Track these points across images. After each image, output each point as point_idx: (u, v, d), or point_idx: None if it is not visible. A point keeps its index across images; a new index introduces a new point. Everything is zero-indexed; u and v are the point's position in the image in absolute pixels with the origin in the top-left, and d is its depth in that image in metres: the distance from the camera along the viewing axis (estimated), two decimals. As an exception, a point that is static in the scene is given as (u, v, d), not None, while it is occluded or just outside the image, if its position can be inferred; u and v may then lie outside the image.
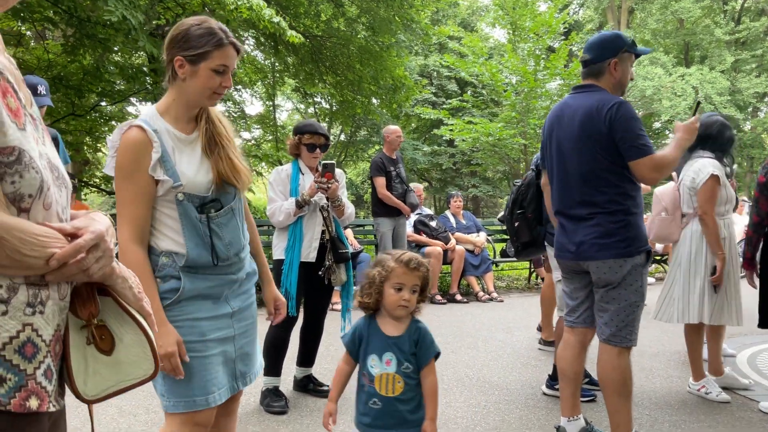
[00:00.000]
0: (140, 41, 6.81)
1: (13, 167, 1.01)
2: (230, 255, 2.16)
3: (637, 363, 5.09)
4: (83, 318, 1.20)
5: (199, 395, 2.08)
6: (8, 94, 1.05)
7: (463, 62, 16.21)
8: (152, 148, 2.02)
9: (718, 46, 24.38)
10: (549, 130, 3.34)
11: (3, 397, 1.00)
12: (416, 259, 2.30)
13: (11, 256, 0.99)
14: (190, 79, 2.07)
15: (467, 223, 9.15)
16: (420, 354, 2.31)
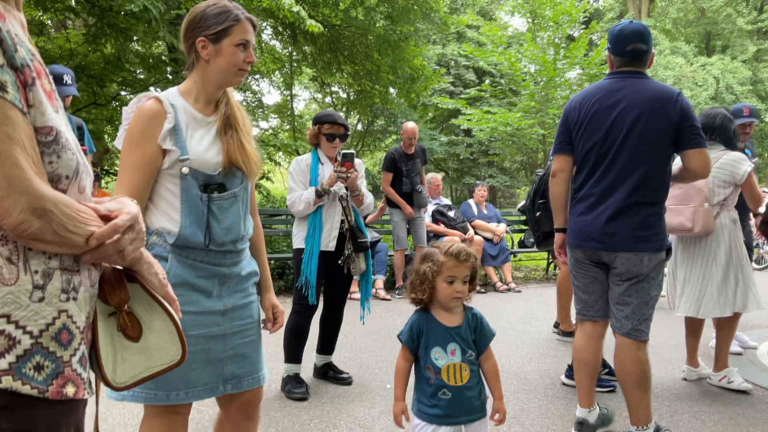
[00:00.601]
0: (160, 31, 6.85)
1: (51, 147, 1.03)
2: (226, 241, 2.09)
3: (657, 354, 5.08)
4: (113, 305, 1.21)
5: (162, 390, 2.01)
6: (42, 76, 1.06)
7: (482, 51, 16.12)
8: (165, 119, 2.01)
9: (740, 35, 24.03)
10: (594, 112, 3.16)
11: (41, 384, 1.00)
12: (465, 250, 2.32)
13: (57, 231, 1.00)
14: (214, 59, 2.05)
15: (489, 214, 9.13)
16: (480, 339, 2.37)
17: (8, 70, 0.96)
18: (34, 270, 1.02)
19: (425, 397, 2.32)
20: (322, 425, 3.51)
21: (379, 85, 12.41)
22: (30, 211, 0.95)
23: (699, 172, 3.15)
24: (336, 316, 4.36)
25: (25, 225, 0.96)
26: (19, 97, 0.97)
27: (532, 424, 3.58)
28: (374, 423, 3.54)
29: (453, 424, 2.29)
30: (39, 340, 1.01)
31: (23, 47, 1.02)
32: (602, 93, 3.17)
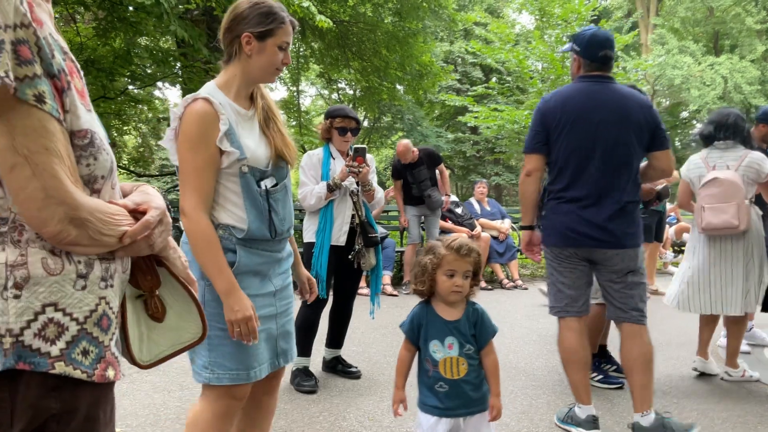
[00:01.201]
0: (171, 25, 6.87)
1: (88, 150, 1.07)
2: (284, 230, 2.24)
3: (665, 352, 5.09)
4: (145, 290, 1.27)
5: (242, 369, 2.13)
6: (74, 74, 1.09)
7: (490, 49, 16.06)
8: (220, 121, 2.06)
9: (749, 35, 23.90)
10: (574, 115, 3.24)
11: (89, 369, 1.07)
12: (467, 245, 2.32)
13: (92, 237, 1.05)
14: (256, 56, 2.13)
15: (492, 210, 9.15)
16: (480, 334, 2.37)
17: (45, 80, 0.98)
18: (77, 260, 1.07)
19: (425, 389, 2.35)
20: (331, 418, 3.53)
21: (387, 81, 12.40)
22: (67, 221, 1.00)
23: (667, 171, 3.42)
24: (345, 311, 4.38)
25: (63, 234, 1.01)
26: (56, 106, 1.00)
27: (540, 420, 3.59)
28: (383, 416, 3.56)
29: (451, 416, 2.30)
30: (84, 326, 1.07)
31: (57, 48, 1.03)
32: (583, 96, 3.27)
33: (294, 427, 3.40)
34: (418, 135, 19.89)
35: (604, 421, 3.59)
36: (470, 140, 21.93)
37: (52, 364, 1.01)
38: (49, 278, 1.02)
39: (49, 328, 1.01)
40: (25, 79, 0.95)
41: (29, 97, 0.96)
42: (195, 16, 9.40)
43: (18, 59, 0.94)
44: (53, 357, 1.01)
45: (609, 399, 3.97)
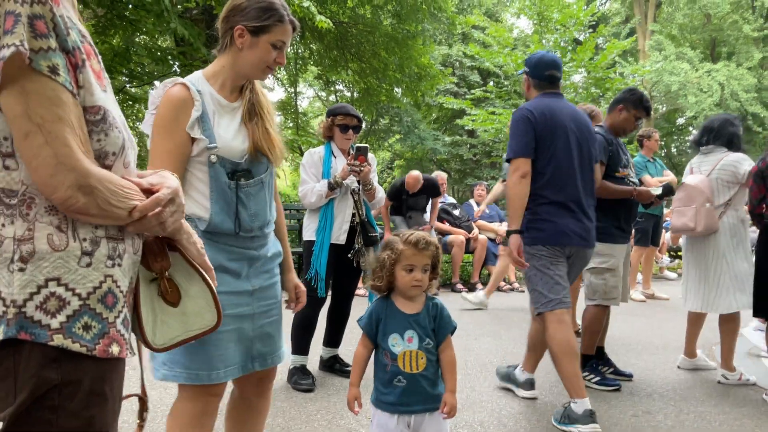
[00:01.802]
0: (171, 23, 6.86)
1: (99, 126, 1.11)
2: (254, 227, 2.13)
3: (662, 356, 5.11)
4: (155, 271, 1.29)
5: (204, 369, 2.03)
6: (92, 56, 1.13)
7: (488, 52, 16.10)
8: (193, 106, 2.02)
9: (746, 42, 23.99)
10: (555, 125, 3.56)
11: (89, 343, 1.09)
12: (424, 239, 2.29)
13: (101, 206, 1.08)
14: (247, 50, 2.07)
15: (490, 212, 9.16)
16: (439, 329, 2.34)
17: (60, 54, 1.03)
18: (83, 238, 1.10)
19: (381, 385, 2.31)
20: (329, 416, 3.52)
21: (386, 83, 12.42)
22: (77, 188, 1.03)
23: (597, 180, 3.95)
24: (344, 310, 4.38)
25: (72, 200, 1.04)
26: (70, 79, 1.05)
27: (538, 421, 3.59)
28: (382, 415, 3.55)
29: (406, 413, 2.27)
30: (87, 302, 1.10)
31: (74, 30, 1.08)
32: (552, 110, 3.62)
33: (292, 425, 3.38)
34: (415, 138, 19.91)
35: (602, 422, 3.58)
36: (467, 144, 21.96)
37: (51, 336, 1.04)
38: (54, 254, 1.06)
39: (51, 301, 1.05)
40: (39, 51, 1.00)
41: (43, 68, 1.01)
42: (194, 15, 9.41)
43: (34, 32, 0.99)
44: (53, 329, 1.05)
45: (606, 401, 3.97)
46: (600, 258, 4.25)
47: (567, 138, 3.57)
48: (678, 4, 25.86)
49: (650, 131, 7.59)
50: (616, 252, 4.28)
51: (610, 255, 4.25)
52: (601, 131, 4.32)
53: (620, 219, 4.30)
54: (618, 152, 4.33)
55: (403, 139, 20.57)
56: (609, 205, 4.23)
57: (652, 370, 4.72)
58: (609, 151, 4.25)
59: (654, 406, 3.90)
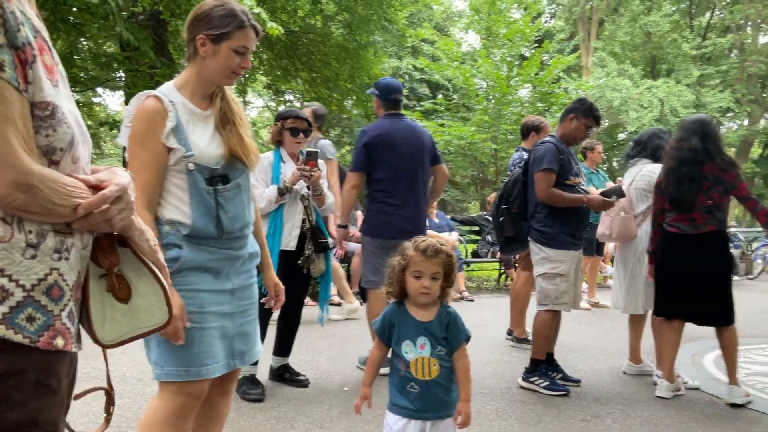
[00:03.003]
0: (117, 26, 6.69)
1: (48, 121, 1.10)
2: (234, 229, 2.19)
3: (608, 362, 5.20)
4: (105, 267, 1.28)
5: (193, 366, 2.08)
6: (44, 51, 1.13)
7: (437, 65, 16.30)
8: (167, 117, 2.07)
9: (685, 60, 24.95)
10: (390, 142, 4.42)
11: (33, 335, 1.08)
12: (434, 246, 2.28)
13: (42, 204, 1.07)
14: (210, 58, 2.13)
15: (440, 223, 9.20)
16: (452, 338, 2.32)
17: (7, 50, 1.02)
18: (28, 230, 1.09)
19: (395, 389, 2.31)
20: (279, 426, 3.45)
21: (336, 92, 12.41)
22: (14, 186, 1.02)
23: (446, 176, 4.89)
24: (294, 318, 4.30)
25: (10, 198, 1.03)
26: (16, 75, 1.03)
27: (489, 426, 3.59)
28: (332, 424, 3.50)
29: (420, 419, 2.26)
30: (31, 293, 1.09)
31: (27, 24, 1.08)
32: (394, 129, 4.49)
33: (240, 434, 3.30)
34: (365, 149, 19.91)
35: (552, 427, 3.61)
36: (417, 155, 22.08)
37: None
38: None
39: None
40: None
41: None
42: (141, 20, 9.20)
43: None
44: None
45: (555, 405, 4.00)
46: (551, 264, 4.32)
47: (400, 151, 4.41)
48: (620, 23, 26.75)
49: (593, 143, 7.77)
50: (566, 258, 4.32)
51: (561, 261, 4.30)
52: (553, 140, 4.41)
53: (571, 226, 4.35)
54: (569, 161, 4.39)
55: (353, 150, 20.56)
56: (559, 213, 4.32)
57: (599, 375, 4.79)
58: (560, 159, 4.31)
59: (602, 410, 3.95)
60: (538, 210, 4.43)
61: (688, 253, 4.16)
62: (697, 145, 4.12)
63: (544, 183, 4.29)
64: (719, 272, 4.17)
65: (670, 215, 4.27)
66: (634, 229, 4.73)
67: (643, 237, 4.69)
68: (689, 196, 4.10)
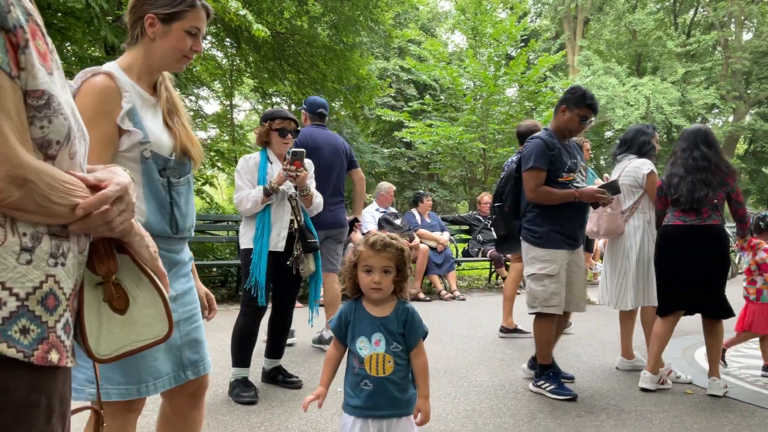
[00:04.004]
0: (102, 30, 6.62)
1: (42, 111, 0.99)
2: (185, 228, 2.06)
3: (600, 358, 5.19)
4: (101, 274, 1.18)
5: (132, 384, 1.91)
6: (37, 36, 1.02)
7: (424, 66, 16.32)
8: (122, 98, 1.89)
9: (670, 57, 25.05)
10: (316, 146, 5.01)
11: (27, 348, 0.97)
12: (382, 240, 2.22)
13: (38, 202, 0.97)
14: (160, 39, 1.96)
15: (431, 222, 9.21)
16: (409, 334, 2.28)
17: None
18: (23, 232, 0.98)
19: (350, 388, 2.27)
20: (273, 428, 3.41)
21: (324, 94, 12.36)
22: (9, 180, 0.92)
23: (363, 182, 5.72)
24: (285, 319, 4.26)
25: (4, 194, 0.92)
26: (8, 60, 0.93)
27: (484, 423, 3.57)
28: (327, 425, 3.47)
29: (374, 417, 2.21)
30: (25, 303, 0.98)
31: (19, 7, 0.96)
32: (315, 136, 5.13)
33: (233, 437, 3.26)
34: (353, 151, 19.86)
35: (547, 423, 3.60)
36: (405, 156, 22.09)
37: None
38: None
39: None
40: None
41: None
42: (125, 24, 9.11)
43: None
44: None
45: (550, 402, 4.00)
46: (540, 264, 4.21)
47: (324, 153, 5.06)
48: (605, 21, 26.84)
49: (582, 141, 7.76)
50: (557, 258, 4.18)
51: (551, 261, 4.18)
52: (544, 135, 4.27)
53: (562, 224, 4.20)
54: (560, 157, 4.22)
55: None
56: (550, 211, 4.20)
57: (592, 371, 4.78)
58: (550, 156, 4.18)
59: (596, 406, 3.95)
60: (529, 208, 4.32)
61: (689, 245, 4.20)
62: (706, 152, 4.23)
63: (533, 181, 4.17)
64: (717, 264, 4.22)
65: (674, 210, 4.31)
66: (622, 224, 4.74)
67: (630, 233, 4.71)
68: (703, 201, 4.16)
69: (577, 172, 4.29)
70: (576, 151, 4.40)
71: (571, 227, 4.26)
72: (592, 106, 4.25)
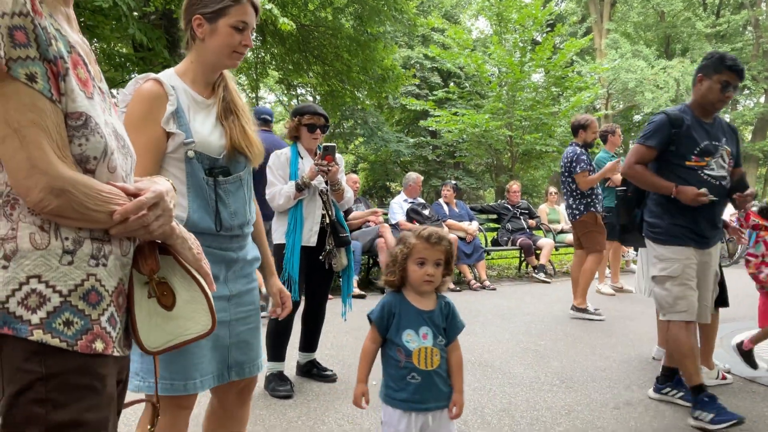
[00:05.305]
0: (130, 28, 6.68)
1: (80, 131, 1.15)
2: (234, 225, 2.06)
3: (637, 347, 5.12)
4: (144, 273, 1.30)
5: (178, 380, 1.95)
6: (79, 65, 1.19)
7: (448, 53, 16.20)
8: (167, 101, 1.95)
9: (699, 38, 24.59)
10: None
11: (70, 339, 1.13)
12: (437, 233, 2.28)
13: (77, 209, 1.12)
14: (209, 38, 2.00)
15: (460, 212, 9.16)
16: (450, 328, 2.31)
17: (39, 63, 1.08)
18: (65, 237, 1.14)
19: (393, 381, 2.26)
20: (310, 422, 3.43)
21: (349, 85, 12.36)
22: (48, 190, 1.07)
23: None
24: (318, 313, 4.28)
25: (45, 202, 1.08)
26: (49, 87, 1.09)
27: (522, 417, 3.55)
28: (363, 419, 3.48)
29: (420, 410, 2.23)
30: (68, 298, 1.14)
31: (62, 41, 1.14)
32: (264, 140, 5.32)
33: (271, 432, 3.29)
34: (379, 140, 19.88)
35: (584, 415, 3.57)
36: (430, 145, 22.03)
37: (31, 331, 1.08)
38: (35, 252, 1.11)
39: (32, 297, 1.09)
40: (18, 59, 1.06)
41: (21, 76, 1.06)
42: (153, 20, 9.19)
43: (13, 42, 1.05)
44: (33, 325, 1.09)
45: (587, 394, 3.97)
46: (661, 264, 3.67)
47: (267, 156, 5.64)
48: (632, 3, 26.42)
49: (613, 127, 7.66)
50: (680, 256, 3.60)
51: (673, 260, 3.61)
52: (673, 109, 3.72)
53: (687, 217, 3.62)
54: (690, 136, 3.60)
55: (366, 141, 20.52)
56: (671, 199, 3.62)
57: (628, 362, 4.73)
58: (672, 134, 3.61)
59: (633, 397, 3.90)
60: (651, 197, 3.79)
61: None
62: None
63: (633, 157, 3.70)
64: None
65: None
66: None
67: None
68: None
69: (716, 157, 3.64)
70: (724, 132, 3.74)
71: (700, 220, 3.63)
72: (734, 68, 3.58)
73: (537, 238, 9.52)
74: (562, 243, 9.91)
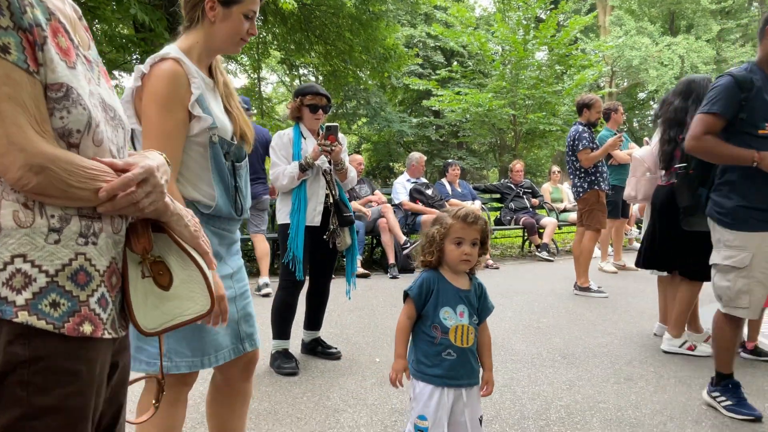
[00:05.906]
0: (132, 9, 6.66)
1: (61, 103, 1.07)
2: (246, 209, 2.14)
3: (638, 324, 5.16)
4: (137, 252, 1.23)
5: (197, 356, 2.03)
6: (59, 33, 1.11)
7: (451, 32, 16.10)
8: (192, 84, 1.93)
9: (704, 15, 24.35)
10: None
11: (57, 321, 1.07)
12: (473, 213, 2.33)
13: (59, 187, 1.04)
14: (220, 23, 1.98)
15: (463, 191, 9.18)
16: (482, 308, 2.39)
17: (13, 33, 1.00)
18: (51, 214, 1.07)
19: (426, 357, 2.30)
20: (315, 398, 3.49)
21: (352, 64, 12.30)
22: (27, 168, 1.00)
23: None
24: (323, 292, 4.32)
25: (24, 180, 1.01)
26: (25, 57, 1.02)
27: (523, 392, 3.60)
28: (367, 394, 3.54)
29: (454, 386, 2.27)
30: (55, 279, 1.07)
31: (40, 7, 1.06)
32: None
33: (278, 408, 3.34)
34: (382, 120, 19.82)
35: (585, 391, 3.62)
36: (433, 125, 21.97)
37: (16, 312, 1.03)
38: (20, 230, 1.04)
39: (16, 278, 1.03)
40: None
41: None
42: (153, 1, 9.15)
43: None
44: (18, 306, 1.03)
45: (588, 369, 4.01)
46: (727, 251, 3.22)
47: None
48: (636, -21, 26.10)
49: (616, 104, 7.65)
50: (750, 243, 3.13)
51: (741, 247, 3.15)
52: (738, 70, 3.20)
53: (760, 197, 3.12)
54: (764, 99, 3.10)
55: (369, 122, 20.46)
56: (742, 177, 3.15)
57: (630, 338, 4.78)
58: (741, 99, 3.11)
59: (635, 372, 3.95)
60: (719, 173, 3.31)
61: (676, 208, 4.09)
62: (679, 105, 4.23)
63: (699, 127, 3.19)
64: None
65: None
66: None
67: None
68: (669, 156, 4.23)
69: None
70: None
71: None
72: None
73: (540, 217, 9.54)
74: (565, 222, 9.93)
